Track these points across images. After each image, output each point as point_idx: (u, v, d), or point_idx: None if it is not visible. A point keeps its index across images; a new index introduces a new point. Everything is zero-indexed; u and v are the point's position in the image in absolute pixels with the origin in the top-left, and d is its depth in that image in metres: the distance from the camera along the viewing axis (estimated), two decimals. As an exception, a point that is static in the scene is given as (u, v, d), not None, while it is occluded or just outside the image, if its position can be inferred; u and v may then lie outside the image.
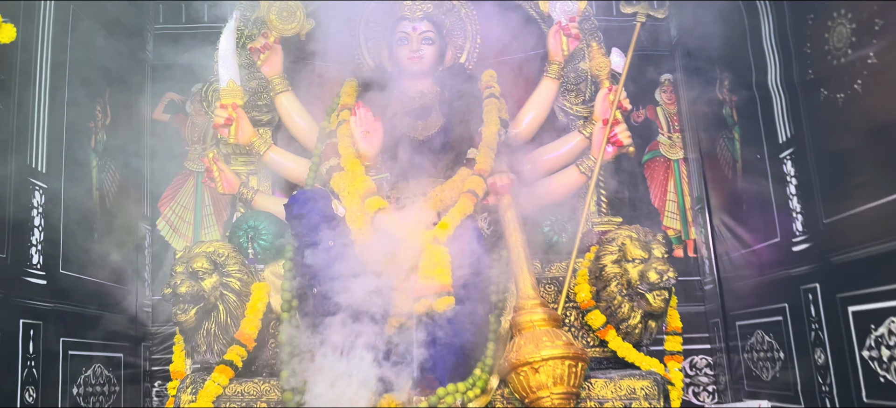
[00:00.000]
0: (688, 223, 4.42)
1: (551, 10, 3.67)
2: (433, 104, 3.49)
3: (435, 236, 2.85)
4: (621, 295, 2.98)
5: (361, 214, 3.00)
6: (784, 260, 3.34)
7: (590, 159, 3.39)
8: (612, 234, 3.05)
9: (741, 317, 3.86)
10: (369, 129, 3.19)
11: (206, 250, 2.94)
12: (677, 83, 4.51)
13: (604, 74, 3.56)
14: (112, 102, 3.85)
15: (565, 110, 3.80)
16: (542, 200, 3.45)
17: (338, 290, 2.84)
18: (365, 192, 3.04)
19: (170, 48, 4.39)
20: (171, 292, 2.83)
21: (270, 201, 3.51)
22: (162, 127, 4.34)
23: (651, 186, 4.47)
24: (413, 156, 3.35)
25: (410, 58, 3.46)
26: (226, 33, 3.47)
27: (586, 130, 3.51)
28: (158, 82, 4.37)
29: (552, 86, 3.63)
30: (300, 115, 3.57)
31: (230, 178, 3.51)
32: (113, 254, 3.71)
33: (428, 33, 3.47)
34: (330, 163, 3.25)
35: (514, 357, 2.60)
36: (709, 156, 4.16)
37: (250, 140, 3.47)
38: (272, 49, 3.52)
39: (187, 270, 2.89)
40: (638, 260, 2.95)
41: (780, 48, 3.25)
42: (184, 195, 4.27)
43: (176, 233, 4.23)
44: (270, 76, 3.55)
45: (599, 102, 3.50)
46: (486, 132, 3.27)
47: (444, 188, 3.09)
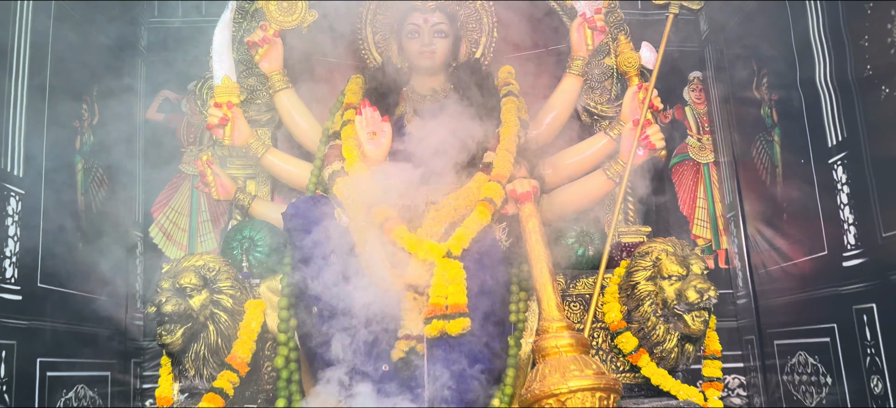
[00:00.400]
0: (719, 232, 4.11)
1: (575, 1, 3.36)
2: (446, 103, 3.20)
3: (448, 250, 2.57)
4: (656, 316, 2.68)
5: (367, 224, 2.72)
6: (832, 276, 3.03)
7: (618, 163, 3.09)
8: (645, 247, 2.75)
9: (780, 335, 3.55)
10: (376, 130, 2.90)
11: (194, 264, 2.66)
12: (707, 81, 4.20)
13: (633, 71, 3.25)
14: (100, 100, 3.58)
15: (589, 110, 3.51)
16: (563, 208, 3.16)
17: (340, 309, 2.56)
18: (370, 199, 2.75)
19: (165, 43, 4.11)
20: (156, 311, 2.55)
21: (269, 208, 3.23)
22: (156, 127, 4.06)
23: (679, 191, 4.16)
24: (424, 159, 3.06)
25: (422, 52, 3.17)
26: (220, 26, 3.19)
27: (613, 132, 3.22)
28: (152, 79, 4.09)
29: (576, 83, 3.34)
30: (301, 114, 3.29)
31: (226, 182, 3.23)
32: (100, 264, 3.43)
33: (441, 25, 3.18)
34: (333, 167, 2.96)
35: (538, 388, 2.30)
36: (743, 159, 3.85)
37: (247, 142, 3.20)
38: (271, 43, 3.24)
39: (174, 287, 2.61)
40: (675, 277, 2.64)
41: (832, 42, 2.94)
42: (178, 200, 3.99)
43: (170, 240, 3.95)
44: (269, 72, 3.27)
45: (628, 101, 3.20)
46: (504, 134, 2.99)
47: (459, 196, 2.80)
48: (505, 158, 2.90)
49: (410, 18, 3.20)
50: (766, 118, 3.56)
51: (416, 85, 3.28)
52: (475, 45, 3.50)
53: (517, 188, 2.75)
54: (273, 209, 3.19)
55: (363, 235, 2.69)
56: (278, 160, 3.24)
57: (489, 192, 2.77)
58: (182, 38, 4.05)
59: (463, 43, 3.36)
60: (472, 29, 3.50)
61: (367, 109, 2.92)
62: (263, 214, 3.21)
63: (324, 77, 3.50)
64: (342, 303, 2.58)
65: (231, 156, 3.43)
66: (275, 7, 3.27)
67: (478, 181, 2.85)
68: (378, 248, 2.68)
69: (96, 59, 3.54)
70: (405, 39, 3.22)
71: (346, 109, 3.14)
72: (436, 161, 2.94)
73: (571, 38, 3.33)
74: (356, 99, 3.18)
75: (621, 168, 3.07)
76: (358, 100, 3.14)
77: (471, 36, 3.49)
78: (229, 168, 3.41)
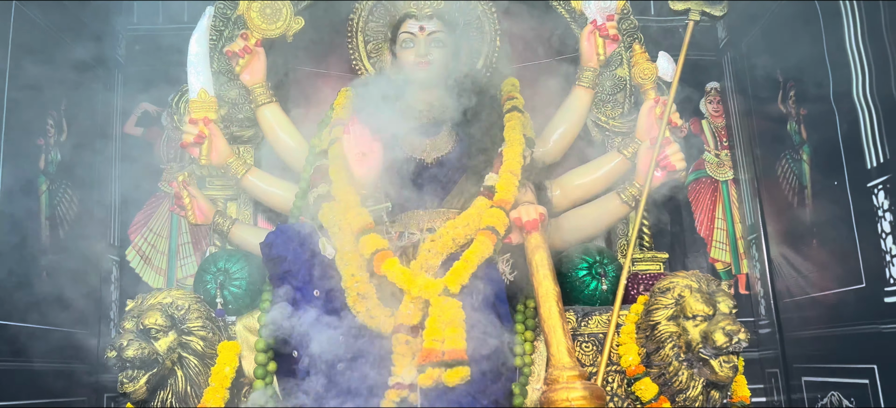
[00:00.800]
0: (739, 255, 3.82)
1: (585, 7, 3.08)
2: (444, 119, 2.92)
3: (445, 286, 2.28)
4: (678, 360, 2.39)
5: (355, 255, 2.43)
6: (872, 312, 2.74)
7: (633, 186, 2.80)
8: (665, 282, 2.45)
9: (809, 372, 3.25)
10: (366, 149, 2.62)
11: (161, 302, 2.38)
12: (726, 93, 3.91)
13: (649, 84, 2.96)
14: (70, 114, 3.30)
15: (600, 125, 3.22)
16: (573, 234, 2.88)
17: (324, 353, 2.28)
18: (360, 227, 2.47)
19: (145, 51, 3.84)
20: (116, 356, 2.27)
21: (251, 234, 2.94)
22: (134, 142, 3.78)
23: (696, 211, 3.87)
24: (419, 182, 2.78)
25: (417, 63, 2.89)
26: (197, 34, 2.91)
27: (628, 150, 2.92)
28: (131, 91, 3.82)
29: (585, 96, 3.05)
30: (286, 131, 3.01)
31: (203, 205, 2.94)
32: (68, 293, 3.15)
33: (438, 34, 2.90)
34: (318, 190, 2.69)
35: (547, 449, 2.01)
36: (766, 178, 3.56)
37: (226, 161, 2.92)
38: (253, 53, 2.96)
39: (137, 328, 2.33)
40: (700, 317, 2.35)
41: (872, 51, 2.65)
42: (157, 221, 3.71)
43: (147, 265, 3.67)
44: (251, 85, 2.99)
45: (644, 117, 2.91)
46: (508, 153, 2.70)
47: (458, 224, 2.51)
48: (509, 181, 2.61)
49: (405, 26, 2.92)
50: (793, 134, 3.27)
51: (410, 98, 2.99)
52: (476, 55, 3.22)
53: (523, 216, 2.47)
54: (256, 235, 2.90)
55: (350, 270, 2.40)
56: (260, 181, 2.96)
57: (491, 219, 2.49)
58: (163, 46, 3.76)
59: (463, 53, 3.08)
60: (473, 38, 3.21)
61: (355, 127, 2.63)
62: (245, 240, 2.92)
63: (311, 90, 3.22)
64: (326, 346, 2.29)
65: (211, 175, 3.16)
66: (257, 14, 2.99)
67: (479, 207, 2.56)
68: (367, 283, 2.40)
69: (65, 69, 3.25)
70: (399, 48, 2.94)
71: (334, 125, 2.86)
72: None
73: (581, 48, 3.05)
74: (345, 114, 2.90)
75: (637, 191, 2.78)
76: (347, 115, 2.87)
77: (471, 45, 3.20)
78: (208, 189, 3.13)
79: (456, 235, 2.47)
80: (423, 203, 2.77)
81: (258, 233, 2.88)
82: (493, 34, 3.20)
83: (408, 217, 2.75)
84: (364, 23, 3.18)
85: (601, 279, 2.63)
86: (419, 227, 2.71)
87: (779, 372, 3.50)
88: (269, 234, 2.49)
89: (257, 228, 3.04)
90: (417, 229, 2.69)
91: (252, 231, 2.96)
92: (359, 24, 3.18)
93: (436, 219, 2.73)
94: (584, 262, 2.66)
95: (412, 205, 2.77)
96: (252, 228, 3.02)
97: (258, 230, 2.97)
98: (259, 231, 2.92)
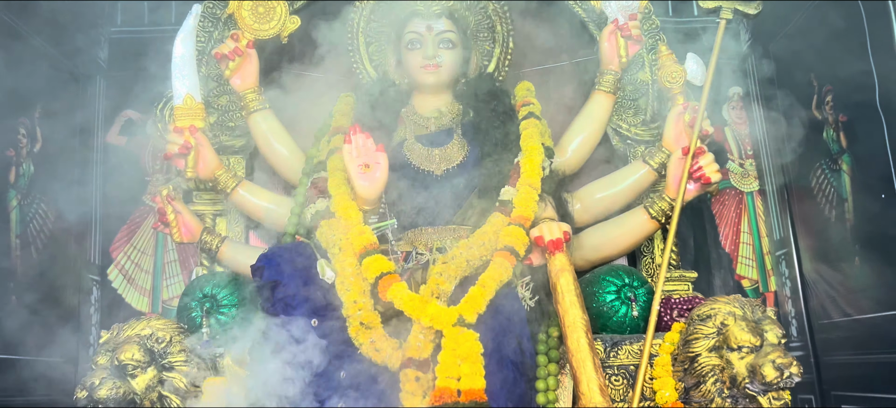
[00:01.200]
0: (766, 272, 3.56)
1: (605, 6, 2.83)
2: (454, 127, 2.67)
3: (460, 316, 2.02)
4: (721, 397, 2.13)
5: (357, 279, 2.18)
6: (927, 338, 2.49)
7: (663, 199, 2.54)
8: (705, 308, 2.19)
9: (850, 400, 3.00)
10: (369, 161, 2.36)
11: (139, 333, 2.11)
12: (751, 98, 3.66)
13: (677, 88, 2.71)
14: (44, 123, 3.04)
15: (621, 133, 2.97)
16: (596, 253, 2.61)
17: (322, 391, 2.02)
18: (362, 248, 2.22)
19: (129, 55, 3.57)
20: (87, 396, 2.00)
21: (243, 252, 2.66)
22: (117, 152, 3.52)
23: (720, 224, 3.61)
24: (428, 197, 2.52)
25: (425, 66, 2.64)
26: (183, 34, 2.65)
27: (654, 160, 2.67)
28: (114, 98, 3.55)
29: (606, 101, 2.81)
30: (281, 140, 2.76)
31: (189, 221, 2.67)
32: (42, 318, 2.89)
33: (448, 34, 2.65)
34: (316, 206, 2.43)
35: None
36: (798, 188, 3.31)
37: (214, 174, 2.65)
38: (245, 55, 2.70)
39: (112, 364, 2.06)
40: (746, 349, 2.09)
41: (927, 51, 2.41)
42: (141, 238, 3.44)
43: (131, 285, 3.40)
44: (242, 90, 2.73)
45: (672, 124, 2.65)
46: (526, 164, 2.45)
47: (472, 243, 2.25)
48: (528, 195, 2.36)
49: (411, 25, 2.66)
50: (830, 143, 3.02)
51: (417, 105, 2.74)
52: (487, 58, 2.97)
53: (545, 234, 2.22)
54: (247, 255, 2.62)
55: (353, 296, 2.15)
56: (252, 195, 2.70)
57: (510, 238, 2.23)
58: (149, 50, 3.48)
59: (473, 55, 2.83)
60: (484, 38, 2.96)
61: (358, 136, 2.37)
62: (235, 260, 2.65)
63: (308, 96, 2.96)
64: (325, 383, 2.04)
65: (198, 189, 2.90)
66: (249, 13, 2.74)
67: (495, 225, 2.31)
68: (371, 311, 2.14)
69: (39, 73, 2.99)
70: (405, 50, 2.69)
71: (333, 133, 2.61)
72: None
73: (601, 49, 2.80)
74: (346, 122, 2.64)
75: (668, 205, 2.52)
76: (348, 123, 2.61)
77: (482, 47, 2.95)
78: (195, 204, 2.88)
79: (470, 257, 2.22)
80: (431, 219, 2.51)
81: (250, 253, 2.60)
82: (505, 35, 2.95)
83: (415, 235, 2.50)
84: (365, 22, 2.93)
85: (631, 304, 2.37)
86: (428, 246, 2.45)
87: (813, 398, 3.24)
88: (261, 256, 2.23)
89: (249, 247, 2.78)
90: (426, 249, 2.44)
91: (244, 250, 2.69)
92: (360, 24, 2.92)
93: (446, 237, 2.48)
94: (611, 285, 2.40)
95: (420, 222, 2.52)
96: (244, 247, 2.75)
97: (250, 249, 2.70)
98: (251, 250, 2.64)
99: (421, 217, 2.51)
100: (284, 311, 2.12)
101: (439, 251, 2.38)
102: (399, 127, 2.68)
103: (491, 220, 2.34)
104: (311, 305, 2.14)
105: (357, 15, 2.91)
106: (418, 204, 2.52)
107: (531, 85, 2.87)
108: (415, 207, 2.51)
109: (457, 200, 2.54)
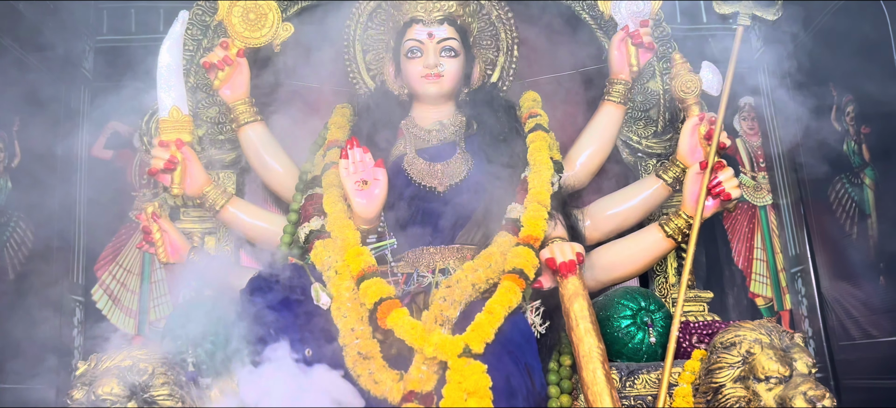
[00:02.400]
0: (781, 290, 3.41)
1: (614, 11, 2.68)
2: (457, 140, 2.52)
3: (466, 345, 1.87)
4: (748, 431, 1.97)
5: (355, 305, 2.03)
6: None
7: (679, 216, 2.39)
8: (729, 335, 2.04)
9: (873, 426, 2.84)
10: (367, 176, 2.21)
11: (118, 365, 1.95)
12: (763, 107, 3.52)
13: (692, 98, 2.56)
14: (23, 136, 2.88)
15: (631, 145, 2.85)
16: (607, 273, 2.45)
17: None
18: (360, 270, 2.06)
19: (116, 64, 3.42)
20: (60, 436, 1.83)
21: (232, 274, 2.51)
22: (102, 167, 3.35)
23: (733, 240, 3.46)
24: (430, 214, 2.37)
25: (426, 75, 2.49)
26: (169, 41, 2.50)
27: (668, 175, 2.52)
28: (100, 109, 3.38)
29: (616, 112, 2.67)
30: (273, 154, 2.61)
31: (176, 240, 2.53)
32: (20, 342, 2.73)
33: (450, 41, 2.51)
34: (310, 225, 2.28)
35: None
36: (816, 202, 3.16)
37: (202, 190, 2.50)
38: (235, 65, 2.55)
39: (89, 398, 1.89)
40: (774, 379, 1.94)
41: (959, 61, 2.27)
42: (127, 256, 3.27)
43: (116, 306, 3.24)
44: (232, 102, 2.59)
45: (686, 137, 2.49)
46: (534, 180, 2.30)
47: (478, 266, 2.10)
48: (537, 213, 2.21)
49: (411, 32, 2.51)
50: (851, 155, 2.88)
51: (418, 117, 2.59)
52: (491, 67, 2.82)
53: (557, 256, 2.07)
54: (238, 276, 2.47)
55: (350, 323, 1.99)
56: (242, 213, 2.55)
57: (518, 260, 2.08)
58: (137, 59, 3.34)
59: (477, 64, 2.68)
60: (488, 46, 2.82)
61: (355, 150, 2.22)
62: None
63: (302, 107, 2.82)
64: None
65: (186, 206, 2.75)
66: (239, 20, 2.59)
67: (502, 245, 2.16)
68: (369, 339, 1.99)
69: (18, 84, 2.83)
70: (404, 59, 2.54)
71: (329, 147, 2.46)
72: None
73: (610, 58, 2.66)
74: (342, 135, 2.50)
75: (684, 223, 2.37)
76: (344, 136, 2.47)
77: (485, 55, 2.81)
78: (183, 221, 2.74)
79: (476, 280, 2.06)
80: (434, 239, 2.36)
81: (241, 273, 2.45)
82: (510, 42, 2.80)
83: (416, 256, 2.34)
84: (362, 29, 2.78)
85: (648, 330, 2.22)
86: (430, 267, 2.30)
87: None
88: (250, 280, 2.08)
89: (240, 268, 2.62)
90: (428, 271, 2.28)
91: (233, 271, 2.54)
92: (356, 32, 2.78)
93: (449, 258, 2.32)
94: (626, 309, 2.24)
95: (421, 241, 2.36)
96: (233, 268, 2.59)
97: (241, 270, 2.55)
98: (242, 271, 2.49)
99: (423, 237, 2.35)
100: (276, 338, 1.97)
101: (442, 273, 2.24)
102: (398, 140, 2.53)
103: (497, 240, 2.19)
104: (304, 333, 1.98)
105: (353, 21, 2.76)
106: (420, 223, 2.37)
107: (537, 95, 2.73)
108: (416, 225, 2.36)
109: (461, 218, 2.38)
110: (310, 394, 1.83)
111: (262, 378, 1.90)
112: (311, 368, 1.90)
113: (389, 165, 2.39)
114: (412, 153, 2.46)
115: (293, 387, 1.85)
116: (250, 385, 1.91)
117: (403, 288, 2.20)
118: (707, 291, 2.73)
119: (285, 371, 1.90)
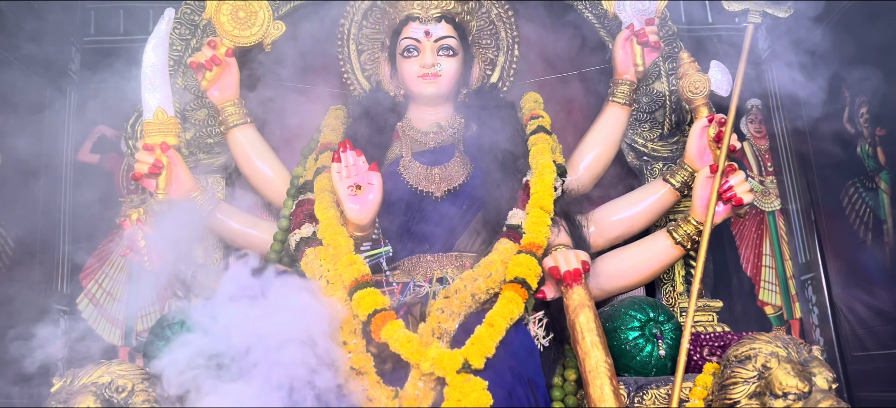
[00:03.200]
0: (790, 298, 3.30)
1: (619, 9, 2.58)
2: (455, 143, 2.41)
3: (465, 360, 1.76)
4: (765, 450, 1.86)
5: (348, 316, 1.92)
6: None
7: (689, 223, 2.27)
8: (744, 348, 1.93)
9: (890, 440, 2.73)
10: (361, 181, 2.10)
11: (96, 381, 1.84)
12: (771, 110, 3.41)
13: (701, 99, 2.45)
14: (6, 140, 2.77)
15: (636, 148, 2.74)
16: (612, 282, 2.33)
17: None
18: (353, 280, 1.96)
19: (103, 66, 3.30)
20: (33, 457, 1.72)
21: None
22: (89, 171, 3.25)
23: (741, 246, 3.35)
24: (427, 220, 2.26)
25: (423, 75, 2.39)
26: (154, 40, 2.40)
27: (676, 179, 2.41)
28: (86, 112, 3.27)
29: (621, 114, 2.56)
30: (263, 158, 2.50)
31: (162, 248, 2.41)
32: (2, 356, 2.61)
33: (448, 40, 2.40)
34: (301, 232, 2.17)
35: None
36: (827, 207, 3.06)
37: (189, 196, 2.39)
38: (223, 64, 2.44)
39: (64, 417, 1.78)
40: (793, 395, 1.83)
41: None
42: (113, 264, 3.16)
43: (102, 315, 3.12)
44: (221, 103, 2.48)
45: (694, 139, 2.39)
46: (536, 184, 2.19)
47: (477, 275, 1.99)
48: (539, 219, 2.10)
49: (407, 31, 2.41)
50: (865, 158, 2.77)
51: (414, 119, 2.48)
52: (490, 67, 2.71)
53: (561, 264, 1.96)
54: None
55: (342, 335, 1.88)
56: (231, 219, 2.44)
57: (520, 269, 1.98)
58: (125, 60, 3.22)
59: (476, 64, 2.58)
60: (487, 45, 2.71)
61: (348, 153, 2.11)
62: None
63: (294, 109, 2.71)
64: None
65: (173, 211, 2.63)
66: (228, 18, 2.48)
67: (503, 253, 2.05)
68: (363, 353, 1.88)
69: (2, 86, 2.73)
70: (401, 59, 2.43)
71: (321, 151, 2.35)
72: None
73: (615, 57, 2.56)
74: (335, 138, 2.39)
75: (693, 229, 2.26)
76: (337, 139, 2.36)
77: (485, 54, 2.70)
78: (170, 228, 2.61)
79: (476, 290, 1.96)
80: (431, 246, 2.25)
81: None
82: (510, 41, 2.70)
83: (412, 264, 2.23)
84: (357, 28, 2.68)
85: (657, 342, 2.10)
86: (427, 276, 2.19)
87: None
88: (236, 287, 1.96)
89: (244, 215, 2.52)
90: (425, 280, 2.17)
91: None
92: (350, 31, 2.67)
93: (447, 266, 2.21)
94: (634, 320, 2.13)
95: (418, 249, 2.25)
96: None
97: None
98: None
99: (419, 244, 2.24)
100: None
101: (440, 283, 2.13)
102: (394, 143, 2.43)
103: (498, 247, 2.08)
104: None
105: (347, 20, 2.66)
106: (416, 229, 2.26)
107: (539, 96, 2.63)
108: (412, 232, 2.25)
109: (459, 224, 2.27)
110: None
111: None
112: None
113: (384, 168, 2.29)
114: (408, 156, 2.35)
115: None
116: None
117: (399, 298, 2.10)
118: (716, 301, 2.62)
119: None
